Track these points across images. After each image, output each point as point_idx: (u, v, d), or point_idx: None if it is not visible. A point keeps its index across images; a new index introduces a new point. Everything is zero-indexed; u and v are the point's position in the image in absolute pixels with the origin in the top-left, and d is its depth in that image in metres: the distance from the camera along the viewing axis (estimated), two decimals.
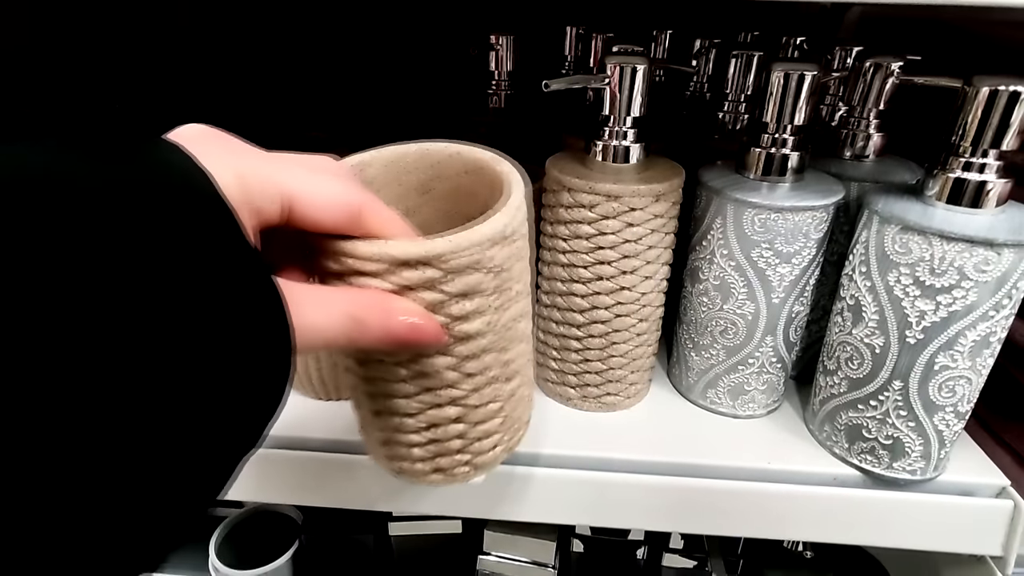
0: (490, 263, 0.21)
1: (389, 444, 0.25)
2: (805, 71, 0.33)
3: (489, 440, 0.25)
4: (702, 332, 0.39)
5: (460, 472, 0.25)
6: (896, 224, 0.31)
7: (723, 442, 0.38)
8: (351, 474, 0.37)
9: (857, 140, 0.39)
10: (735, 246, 0.35)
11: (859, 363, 0.34)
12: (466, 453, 0.25)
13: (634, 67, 0.34)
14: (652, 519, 0.37)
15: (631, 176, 0.35)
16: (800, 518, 0.36)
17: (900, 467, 0.35)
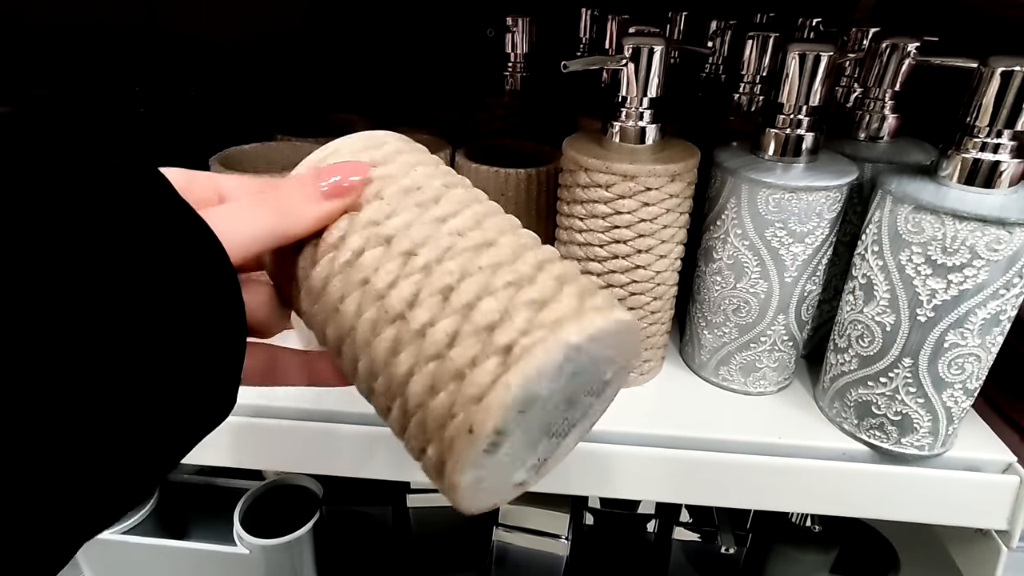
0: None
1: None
2: (821, 52, 0.33)
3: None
4: (715, 310, 0.39)
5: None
6: (909, 204, 0.31)
7: (735, 418, 0.39)
8: (370, 445, 0.38)
9: (872, 121, 0.40)
10: (749, 225, 0.36)
11: (870, 341, 0.35)
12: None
13: (651, 48, 0.34)
14: (665, 491, 0.38)
15: (647, 156, 0.36)
16: (809, 492, 0.37)
17: (908, 443, 0.35)
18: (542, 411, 0.20)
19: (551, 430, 0.22)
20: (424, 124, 0.52)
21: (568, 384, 0.20)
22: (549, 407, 0.20)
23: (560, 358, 0.18)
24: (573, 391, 0.21)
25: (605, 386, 0.23)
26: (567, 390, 0.20)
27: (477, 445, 0.18)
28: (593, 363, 0.20)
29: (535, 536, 0.49)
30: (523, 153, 0.48)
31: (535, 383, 0.18)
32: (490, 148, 0.47)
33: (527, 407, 0.19)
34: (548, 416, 0.21)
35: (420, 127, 0.51)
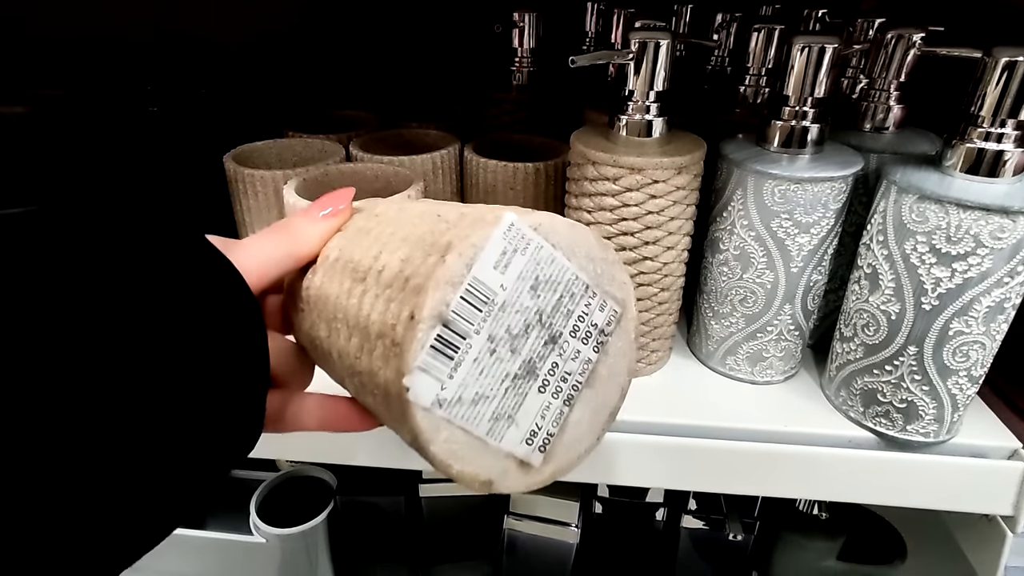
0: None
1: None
2: (826, 44, 0.34)
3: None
4: (722, 301, 0.40)
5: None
6: (914, 193, 0.32)
7: (742, 406, 0.40)
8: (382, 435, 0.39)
9: (877, 112, 0.40)
10: (755, 217, 0.36)
11: (875, 329, 0.35)
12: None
13: (657, 42, 0.35)
14: (673, 479, 0.39)
15: (654, 149, 0.36)
16: (816, 479, 0.37)
17: (914, 430, 0.36)
18: (505, 321, 0.20)
19: (537, 372, 0.21)
20: (432, 119, 0.53)
21: (529, 296, 0.20)
22: (513, 319, 0.20)
23: (498, 236, 0.19)
24: (544, 312, 0.20)
25: (601, 335, 0.22)
26: (531, 303, 0.20)
27: (419, 331, 0.18)
28: (554, 275, 0.20)
29: (545, 524, 0.49)
30: (531, 147, 0.48)
31: (474, 261, 0.19)
32: (498, 142, 0.48)
33: (476, 296, 0.19)
34: (521, 340, 0.20)
35: (428, 122, 0.52)
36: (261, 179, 0.41)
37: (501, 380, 0.20)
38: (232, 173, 0.42)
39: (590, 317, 0.22)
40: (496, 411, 0.21)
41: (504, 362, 0.20)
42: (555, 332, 0.21)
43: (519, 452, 0.21)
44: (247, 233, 0.44)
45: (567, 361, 0.22)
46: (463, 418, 0.20)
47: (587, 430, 0.23)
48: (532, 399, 0.21)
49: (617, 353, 0.23)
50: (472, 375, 0.20)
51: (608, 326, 0.22)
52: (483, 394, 0.20)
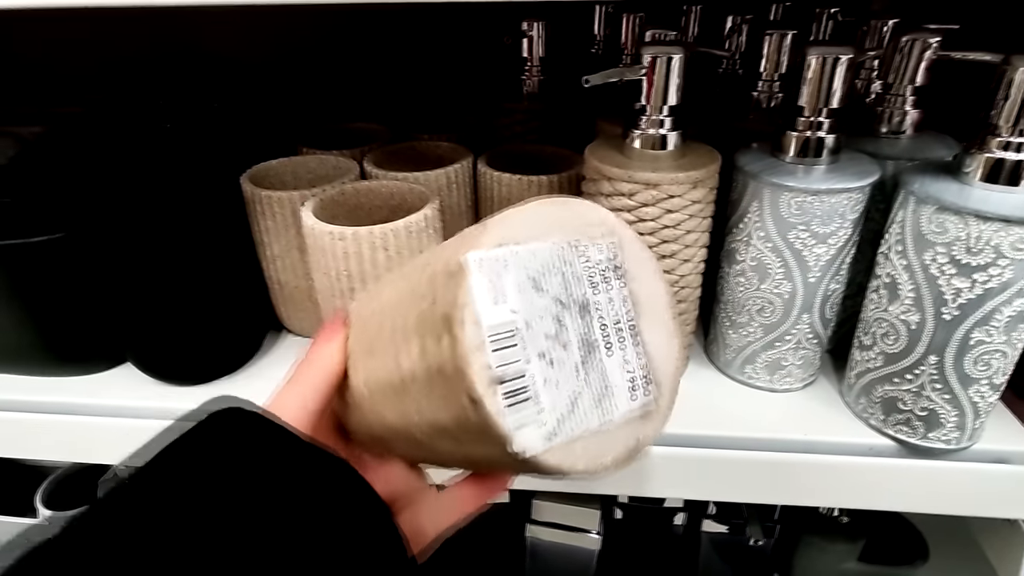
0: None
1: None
2: (840, 55, 0.33)
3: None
4: (739, 311, 0.40)
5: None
6: (932, 204, 0.32)
7: (761, 415, 0.40)
8: None
9: (893, 117, 0.40)
10: (772, 228, 0.36)
11: (895, 339, 0.35)
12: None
13: (670, 56, 0.35)
14: (694, 490, 0.39)
15: (669, 163, 0.36)
16: (838, 487, 0.37)
17: (935, 437, 0.36)
18: (539, 331, 0.20)
19: (595, 342, 0.22)
20: (443, 130, 0.53)
21: (539, 296, 0.21)
22: (543, 324, 0.21)
23: (475, 279, 0.20)
24: (559, 297, 0.21)
25: (614, 267, 0.23)
26: (544, 300, 0.21)
27: (489, 407, 0.19)
28: (543, 263, 0.21)
29: (567, 532, 0.50)
30: (543, 157, 0.48)
31: (477, 314, 0.19)
32: (510, 154, 0.48)
33: (502, 338, 0.20)
34: (563, 332, 0.21)
35: (440, 133, 0.52)
36: (279, 200, 0.42)
37: (575, 374, 0.21)
38: (250, 194, 0.43)
39: (594, 264, 0.22)
40: (592, 398, 0.21)
41: (566, 361, 0.21)
42: (581, 301, 0.22)
43: (634, 408, 0.22)
44: (267, 252, 0.45)
45: (609, 311, 0.23)
46: (575, 429, 0.21)
47: (666, 336, 0.24)
48: (610, 363, 0.22)
49: (636, 263, 0.23)
50: (553, 393, 0.20)
51: (613, 256, 0.23)
52: (573, 398, 0.21)
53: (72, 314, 0.44)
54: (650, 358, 0.23)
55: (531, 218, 0.22)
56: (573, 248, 0.22)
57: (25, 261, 0.41)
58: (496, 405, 0.19)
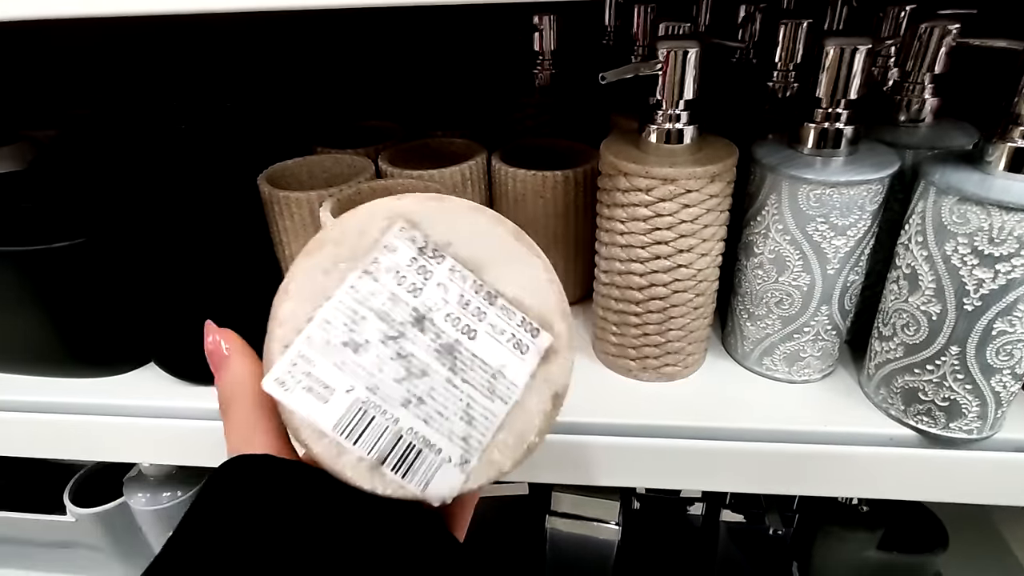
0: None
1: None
2: (858, 45, 0.33)
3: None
4: (757, 303, 0.40)
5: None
6: (953, 195, 0.31)
7: (780, 407, 0.40)
8: None
9: (911, 105, 0.39)
10: (790, 221, 0.36)
11: (915, 330, 0.35)
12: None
13: (686, 51, 0.34)
14: (714, 482, 0.39)
15: (686, 158, 0.36)
16: (858, 477, 0.38)
17: (957, 427, 0.36)
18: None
19: (440, 349, 0.20)
20: (456, 126, 0.53)
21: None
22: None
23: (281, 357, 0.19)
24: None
25: (468, 277, 0.21)
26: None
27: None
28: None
29: (587, 523, 0.50)
30: (558, 151, 0.48)
31: (284, 336, 0.20)
32: (524, 149, 0.48)
33: (309, 362, 0.19)
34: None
35: (453, 129, 0.52)
36: (296, 201, 0.42)
37: (452, 388, 0.21)
38: (267, 196, 0.43)
39: (399, 267, 0.21)
40: (484, 392, 0.21)
41: (435, 385, 0.20)
42: (412, 316, 0.20)
43: (532, 364, 0.21)
44: (285, 252, 0.45)
45: (446, 300, 0.21)
46: (484, 436, 0.21)
47: (523, 267, 0.22)
48: (480, 346, 0.21)
49: (444, 224, 0.21)
50: (441, 424, 0.20)
51: (413, 240, 0.21)
52: (464, 411, 0.21)
53: (95, 317, 0.45)
54: (520, 304, 0.22)
55: (302, 287, 0.20)
56: (365, 275, 0.20)
57: (48, 266, 0.42)
58: (391, 484, 0.19)
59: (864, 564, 0.50)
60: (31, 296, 0.43)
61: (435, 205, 0.21)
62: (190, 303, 0.43)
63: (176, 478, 0.60)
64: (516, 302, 0.21)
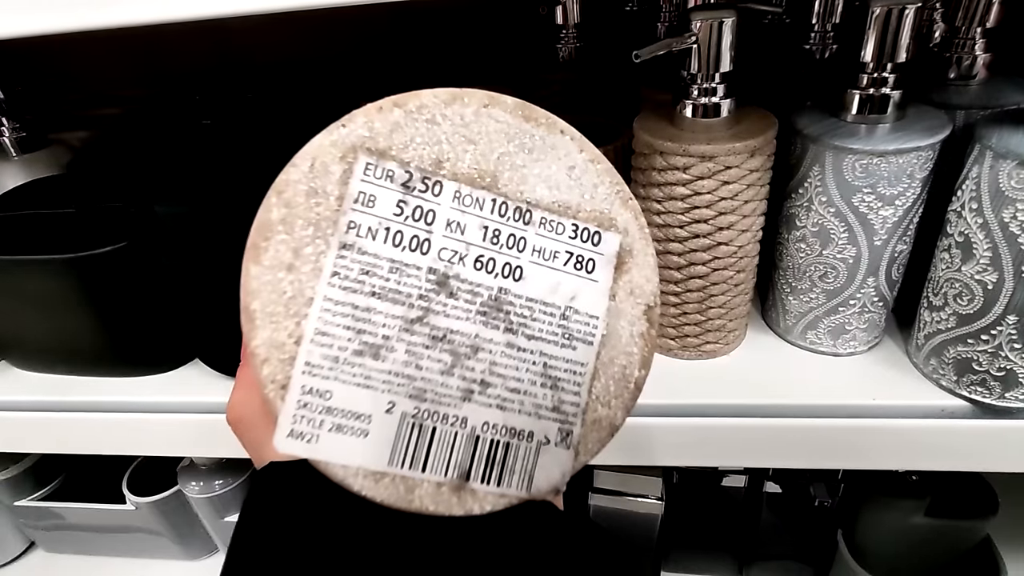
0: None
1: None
2: (907, 4, 0.31)
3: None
4: (800, 277, 0.39)
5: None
6: (1012, 159, 0.30)
7: (826, 381, 0.39)
8: None
9: (963, 61, 0.37)
10: (834, 192, 0.35)
11: (969, 299, 0.34)
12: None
13: (720, 21, 0.33)
14: (760, 459, 0.39)
15: (723, 133, 0.35)
16: (911, 450, 0.37)
17: (1013, 397, 0.35)
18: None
19: (481, 314, 0.16)
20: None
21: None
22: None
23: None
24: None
25: (493, 197, 0.16)
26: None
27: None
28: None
29: (629, 498, 0.51)
30: (586, 127, 0.47)
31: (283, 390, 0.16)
32: None
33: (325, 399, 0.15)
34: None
35: None
36: None
37: (512, 352, 0.17)
38: None
39: (388, 220, 0.16)
40: (560, 341, 0.17)
41: (493, 349, 0.17)
42: (435, 281, 0.16)
43: (600, 280, 0.18)
44: None
45: (470, 243, 0.16)
46: (580, 391, 0.18)
47: (562, 165, 0.18)
48: (532, 286, 0.17)
49: (440, 139, 0.16)
50: (523, 402, 0.17)
51: (408, 178, 0.16)
52: (542, 375, 0.17)
53: (140, 318, 0.46)
54: (563, 208, 0.17)
55: (267, 302, 0.15)
56: (345, 250, 0.15)
57: (92, 271, 0.43)
58: (487, 498, 0.17)
59: (912, 530, 0.49)
60: (77, 300, 0.44)
61: (398, 114, 0.16)
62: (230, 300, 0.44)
63: (227, 467, 0.62)
64: (557, 207, 0.17)
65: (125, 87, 0.71)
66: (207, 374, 0.47)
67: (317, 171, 0.15)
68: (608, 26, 0.53)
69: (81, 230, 0.44)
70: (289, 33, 0.66)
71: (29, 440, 0.49)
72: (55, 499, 0.66)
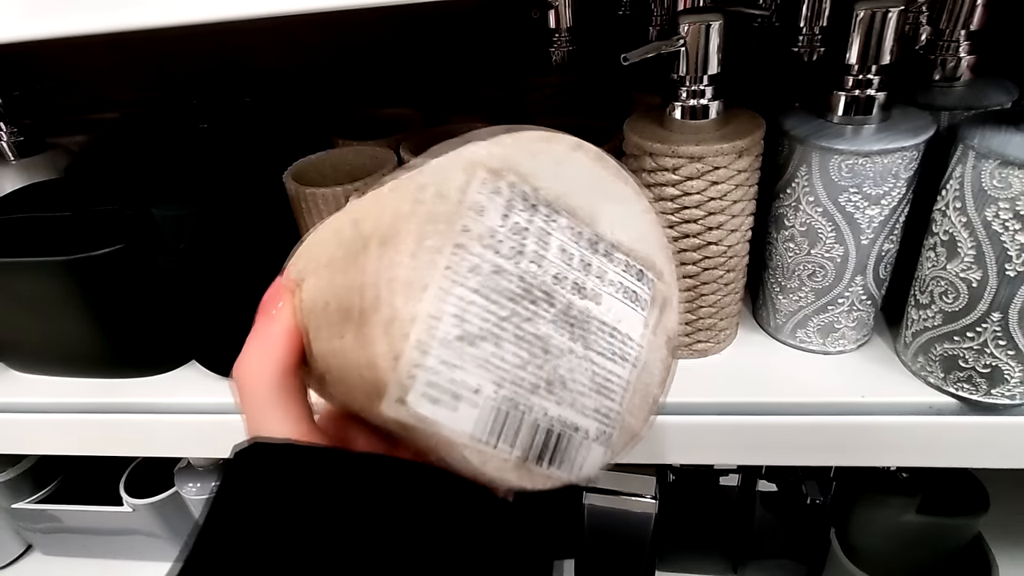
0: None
1: None
2: (890, 7, 0.32)
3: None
4: (789, 276, 0.40)
5: None
6: (994, 159, 0.30)
7: (816, 379, 0.40)
8: None
9: (947, 63, 0.38)
10: (821, 192, 0.35)
11: (954, 297, 0.34)
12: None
13: (708, 24, 0.33)
14: (752, 457, 0.39)
15: (712, 134, 0.35)
16: (899, 447, 0.37)
17: (999, 393, 0.35)
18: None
19: (565, 322, 0.19)
20: (475, 110, 0.52)
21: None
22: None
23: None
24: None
25: (576, 228, 0.19)
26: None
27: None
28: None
29: (623, 497, 0.51)
30: (577, 130, 0.48)
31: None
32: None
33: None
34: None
35: (471, 113, 0.52)
36: (323, 197, 0.42)
37: (584, 360, 0.19)
38: (294, 192, 0.44)
39: (502, 238, 0.18)
40: (607, 356, 0.20)
41: (569, 363, 0.19)
42: (537, 293, 0.18)
43: (649, 314, 0.21)
44: None
45: (564, 263, 0.19)
46: (619, 407, 0.20)
47: (626, 206, 0.21)
48: (601, 308, 0.20)
49: (539, 168, 0.19)
50: (581, 401, 0.19)
51: (509, 201, 0.18)
52: (597, 384, 0.20)
53: (137, 320, 0.46)
54: (624, 248, 0.19)
55: (393, 281, 0.17)
56: (459, 249, 0.17)
57: (90, 273, 0.43)
58: (538, 476, 0.19)
59: (904, 528, 0.50)
60: (75, 302, 0.45)
61: (510, 143, 0.18)
62: (226, 302, 0.44)
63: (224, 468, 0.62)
64: (619, 246, 0.19)
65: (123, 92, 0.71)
66: (204, 375, 0.48)
67: (443, 178, 0.18)
68: (600, 30, 0.54)
69: (78, 233, 0.44)
70: (286, 38, 0.66)
71: (27, 442, 0.50)
72: (53, 501, 0.66)
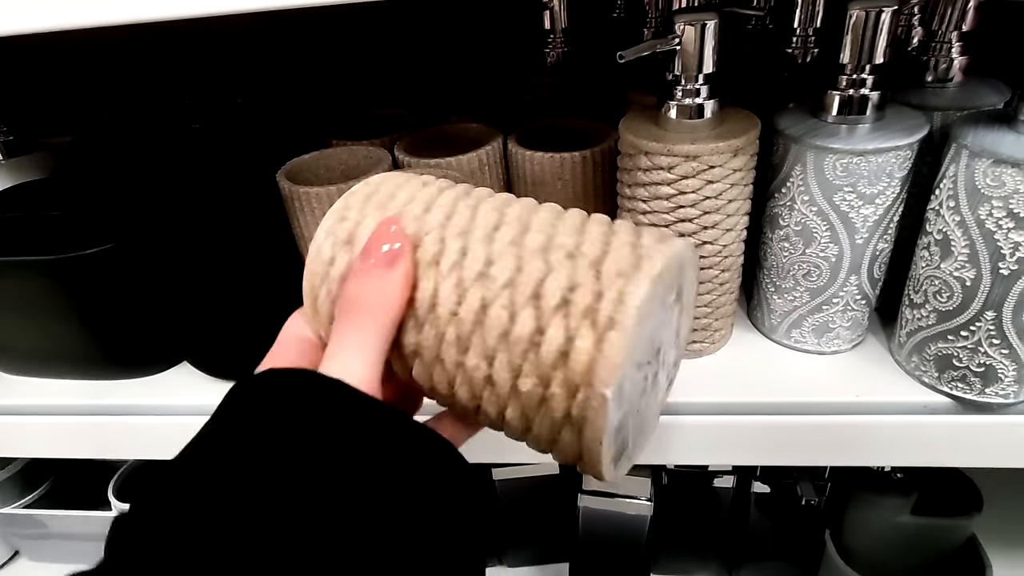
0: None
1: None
2: (883, 7, 0.32)
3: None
4: (784, 276, 0.40)
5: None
6: (987, 158, 0.31)
7: (811, 379, 0.40)
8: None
9: (939, 64, 0.38)
10: (816, 192, 0.36)
11: (948, 296, 0.35)
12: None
13: (703, 23, 0.34)
14: (747, 456, 0.39)
15: (707, 133, 0.35)
16: (894, 446, 0.37)
17: (993, 392, 0.35)
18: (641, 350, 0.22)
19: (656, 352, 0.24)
20: (470, 110, 0.52)
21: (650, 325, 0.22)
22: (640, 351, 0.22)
23: (646, 297, 0.20)
24: (654, 332, 0.23)
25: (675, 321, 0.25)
26: (650, 332, 0.22)
27: (607, 409, 0.20)
28: (665, 292, 0.22)
29: (618, 499, 0.51)
30: (574, 131, 0.48)
31: (632, 333, 0.20)
32: (540, 130, 0.47)
33: (631, 358, 0.20)
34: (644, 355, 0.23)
35: (466, 114, 0.51)
36: (316, 196, 0.42)
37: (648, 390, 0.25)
38: (287, 192, 0.43)
39: (672, 315, 0.25)
40: (651, 396, 0.25)
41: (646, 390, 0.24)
42: (657, 339, 0.24)
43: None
44: (305, 248, 0.46)
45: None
46: (642, 434, 0.26)
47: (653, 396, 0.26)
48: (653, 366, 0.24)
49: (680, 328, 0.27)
50: (634, 421, 0.24)
51: (679, 313, 0.26)
52: (642, 412, 0.25)
53: (127, 320, 0.46)
54: (672, 332, 0.26)
55: (676, 255, 0.22)
56: (664, 312, 0.23)
57: (79, 273, 0.43)
58: (610, 472, 0.22)
59: (898, 529, 0.50)
60: (64, 303, 0.44)
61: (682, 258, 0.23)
62: (218, 302, 0.44)
63: None
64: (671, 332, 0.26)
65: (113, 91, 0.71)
66: (196, 376, 0.47)
67: (669, 280, 0.23)
68: (595, 31, 0.54)
69: (67, 233, 0.44)
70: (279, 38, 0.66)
71: (15, 445, 0.49)
72: (42, 505, 0.65)
